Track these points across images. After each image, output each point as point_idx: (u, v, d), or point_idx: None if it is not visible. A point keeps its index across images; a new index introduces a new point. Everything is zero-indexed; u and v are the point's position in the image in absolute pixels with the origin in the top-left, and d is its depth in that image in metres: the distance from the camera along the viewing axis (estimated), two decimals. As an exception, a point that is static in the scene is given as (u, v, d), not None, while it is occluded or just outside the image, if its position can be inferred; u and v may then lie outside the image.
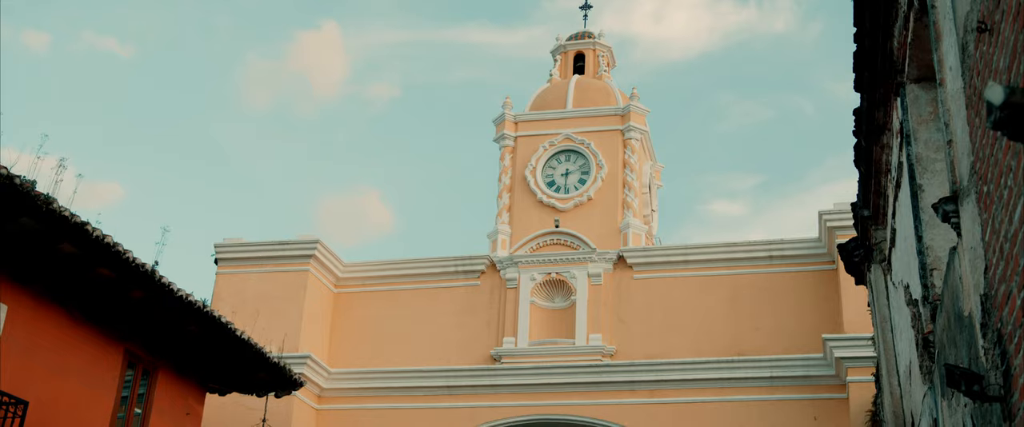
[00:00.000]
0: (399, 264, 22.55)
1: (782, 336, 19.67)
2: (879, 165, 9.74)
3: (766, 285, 20.29)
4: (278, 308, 20.86)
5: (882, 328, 11.08)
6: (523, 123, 23.55)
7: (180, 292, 13.83)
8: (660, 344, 20.25)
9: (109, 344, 14.16)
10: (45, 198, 11.35)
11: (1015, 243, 3.67)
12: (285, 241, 21.86)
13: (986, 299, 4.53)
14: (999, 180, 3.91)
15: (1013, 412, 4.01)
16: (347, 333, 21.99)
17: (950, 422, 6.40)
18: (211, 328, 14.90)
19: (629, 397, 19.72)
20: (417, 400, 20.70)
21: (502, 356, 20.81)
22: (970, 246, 4.97)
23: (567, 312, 21.19)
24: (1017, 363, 3.83)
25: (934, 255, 7.15)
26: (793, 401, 18.85)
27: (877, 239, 10.93)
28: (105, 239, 12.33)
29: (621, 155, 22.59)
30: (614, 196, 22.11)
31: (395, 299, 22.14)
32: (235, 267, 21.89)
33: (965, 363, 5.32)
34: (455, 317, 21.62)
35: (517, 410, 20.17)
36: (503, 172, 23.05)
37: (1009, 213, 3.75)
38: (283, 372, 16.75)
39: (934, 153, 7.36)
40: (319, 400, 21.07)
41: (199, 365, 16.13)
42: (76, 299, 13.44)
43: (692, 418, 19.22)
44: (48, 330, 12.96)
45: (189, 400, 16.03)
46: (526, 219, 22.27)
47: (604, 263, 21.25)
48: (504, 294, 21.54)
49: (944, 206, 5.55)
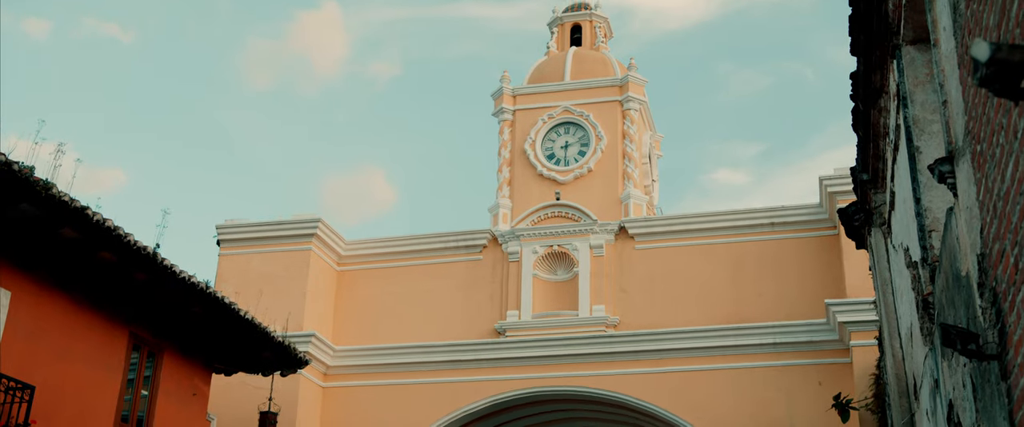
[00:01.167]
0: (401, 241, 22.58)
1: (785, 302, 19.70)
2: (877, 129, 9.72)
3: (768, 252, 20.31)
4: (281, 287, 20.91)
5: (883, 291, 11.10)
6: (521, 96, 23.50)
7: (182, 274, 13.88)
8: (663, 313, 20.30)
9: (114, 327, 14.22)
10: (44, 184, 11.37)
11: (1007, 201, 3.68)
12: (286, 221, 21.89)
13: (982, 258, 4.54)
14: (991, 139, 3.91)
15: (1008, 369, 4.02)
16: (351, 311, 22.05)
17: (951, 382, 6.43)
18: (215, 309, 14.95)
19: (633, 367, 19.79)
20: (422, 375, 20.79)
21: (506, 329, 20.87)
22: (966, 206, 4.98)
23: (570, 284, 21.23)
24: (1012, 320, 3.85)
25: (932, 217, 7.16)
26: (797, 366, 18.92)
27: (877, 203, 10.93)
28: (106, 223, 12.35)
29: (620, 126, 22.55)
30: (614, 167, 22.09)
31: (398, 276, 22.19)
32: (237, 248, 21.92)
33: (964, 323, 5.34)
34: (458, 292, 21.68)
35: (522, 382, 20.26)
36: (503, 146, 23.03)
37: (1001, 171, 3.75)
38: (288, 351, 16.82)
39: (930, 115, 7.35)
40: (325, 378, 21.17)
41: (204, 346, 16.20)
42: (79, 283, 13.48)
43: (696, 386, 19.30)
44: (52, 315, 13.01)
45: (195, 381, 16.11)
46: (527, 192, 22.27)
47: (606, 234, 21.27)
48: (506, 268, 21.58)
49: (940, 167, 5.55)
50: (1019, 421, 3.87)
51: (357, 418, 20.69)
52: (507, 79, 23.67)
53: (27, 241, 12.31)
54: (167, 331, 15.31)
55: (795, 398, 18.68)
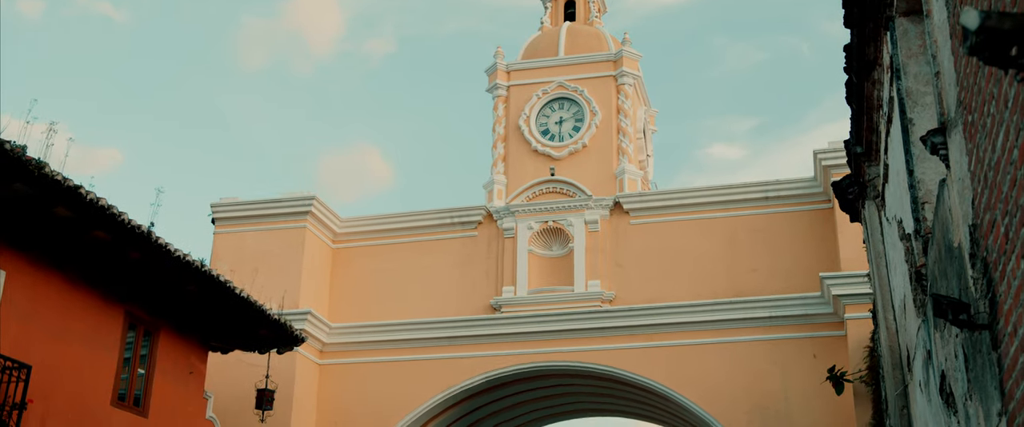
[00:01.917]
0: (395, 218, 22.57)
1: (780, 276, 19.75)
2: (871, 101, 9.71)
3: (763, 226, 20.33)
4: (277, 265, 20.92)
5: (877, 264, 11.13)
6: (515, 72, 23.44)
7: (177, 252, 13.87)
8: (658, 288, 20.35)
9: (109, 306, 14.23)
10: (36, 163, 11.34)
11: (998, 171, 3.68)
12: (281, 198, 21.86)
13: (974, 229, 4.55)
14: (982, 109, 3.91)
15: (999, 338, 4.04)
16: (347, 288, 22.07)
17: (943, 353, 6.45)
18: (210, 287, 14.96)
19: (629, 341, 19.86)
20: (418, 352, 20.84)
21: (502, 305, 20.91)
22: (958, 177, 4.98)
23: (565, 259, 21.26)
24: (1002, 290, 3.86)
25: (925, 188, 7.16)
26: (792, 340, 18.99)
27: (870, 176, 10.93)
28: (99, 202, 12.34)
29: (614, 101, 22.51)
30: (609, 142, 22.07)
31: (393, 253, 22.19)
32: (232, 226, 21.91)
33: (956, 294, 5.35)
34: (454, 268, 21.69)
35: (518, 358, 20.32)
36: (497, 122, 22.99)
37: (992, 141, 3.75)
38: (284, 328, 16.85)
39: (924, 87, 7.34)
40: (321, 355, 21.22)
41: (200, 324, 16.23)
42: (74, 263, 13.49)
43: (692, 360, 19.38)
44: (48, 294, 13.02)
45: (192, 359, 16.15)
46: (521, 168, 22.25)
47: (601, 209, 21.28)
48: (502, 244, 21.59)
49: (932, 138, 5.56)
50: (1009, 390, 3.89)
51: (354, 395, 20.77)
52: (501, 55, 23.60)
53: (21, 221, 12.30)
54: (163, 310, 15.33)
55: (790, 371, 18.76)
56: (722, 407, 18.95)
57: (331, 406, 20.79)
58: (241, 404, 19.07)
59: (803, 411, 18.37)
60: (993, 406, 4.49)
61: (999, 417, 4.33)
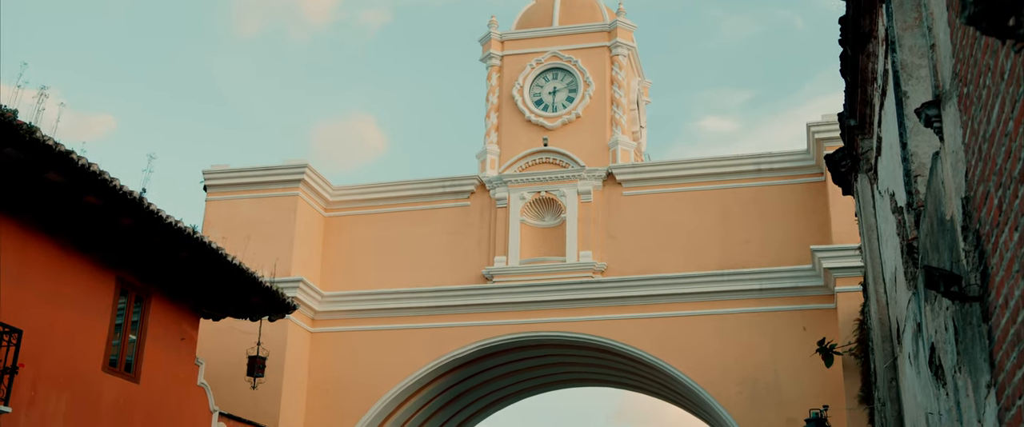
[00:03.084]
0: (388, 187, 22.54)
1: (771, 248, 19.80)
2: (865, 74, 9.70)
3: (755, 198, 20.35)
4: (269, 233, 20.89)
5: (868, 237, 11.16)
6: (509, 42, 23.34)
7: (169, 219, 13.84)
8: (650, 259, 20.39)
9: (101, 272, 14.22)
10: (28, 127, 11.28)
11: (993, 143, 3.68)
12: (273, 166, 21.79)
13: (967, 202, 4.55)
14: (978, 80, 3.90)
15: (990, 310, 4.06)
16: (339, 256, 22.07)
17: (933, 326, 6.48)
18: (202, 254, 14.94)
19: (620, 312, 19.92)
20: (410, 320, 20.89)
21: (493, 275, 20.94)
22: (952, 150, 4.98)
23: (557, 230, 21.27)
24: (994, 262, 3.87)
25: (918, 162, 7.17)
26: (782, 312, 19.08)
27: (864, 149, 10.94)
28: (91, 167, 12.29)
29: (608, 72, 22.44)
30: (602, 113, 22.02)
31: (385, 221, 22.18)
32: (224, 193, 21.86)
33: (947, 267, 5.37)
34: (446, 238, 21.70)
35: (510, 328, 20.38)
36: (490, 92, 22.91)
37: (987, 113, 3.75)
38: (276, 296, 16.86)
39: (919, 59, 7.32)
40: (313, 323, 21.26)
41: (192, 291, 16.23)
42: (65, 228, 13.45)
43: (682, 331, 19.46)
44: (39, 259, 12.99)
45: (183, 325, 16.16)
46: (514, 138, 22.21)
47: (593, 180, 21.27)
48: (494, 213, 21.59)
49: (927, 111, 5.55)
50: (999, 361, 3.92)
51: (345, 362, 20.83)
52: (495, 24, 23.48)
53: (12, 185, 12.25)
54: (154, 276, 15.32)
55: (779, 343, 18.86)
56: (712, 378, 19.06)
57: (322, 374, 20.86)
58: (232, 371, 19.12)
59: (792, 383, 18.49)
60: (982, 378, 4.51)
61: (988, 388, 4.36)
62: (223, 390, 18.61)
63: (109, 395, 14.22)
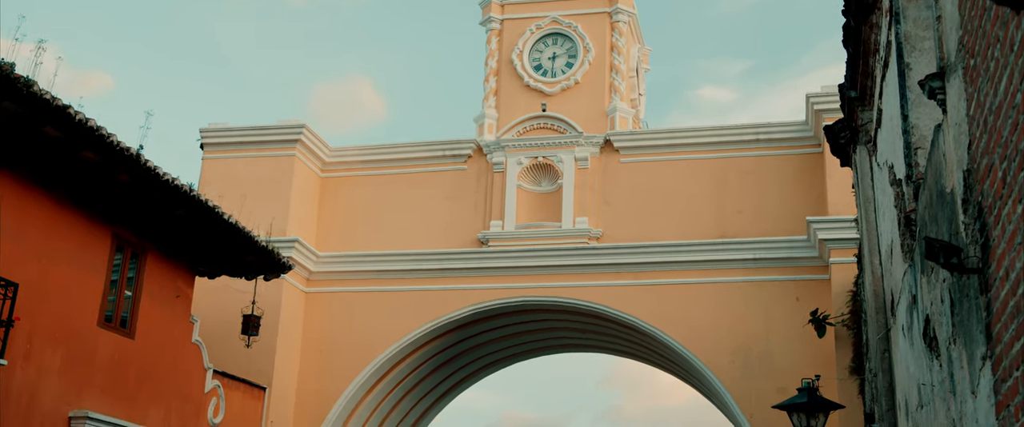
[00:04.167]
0: (385, 149, 22.51)
1: (767, 219, 19.83)
2: (867, 45, 9.66)
3: (752, 168, 20.35)
4: (265, 193, 20.87)
5: (865, 208, 11.17)
6: (509, 6, 23.20)
7: (166, 176, 13.82)
8: (646, 227, 20.42)
9: (97, 228, 14.21)
10: (25, 81, 11.22)
11: (999, 115, 3.68)
12: (271, 126, 21.73)
13: (968, 174, 4.56)
14: (986, 52, 3.89)
15: (990, 283, 4.07)
16: (335, 217, 22.07)
17: (929, 298, 6.51)
18: (198, 212, 14.94)
19: (615, 279, 19.98)
20: (405, 283, 20.94)
21: (489, 239, 20.96)
22: (955, 122, 4.98)
23: (554, 195, 21.27)
24: (996, 234, 3.88)
25: (919, 134, 7.17)
26: (776, 282, 19.15)
27: (863, 120, 10.92)
28: (88, 122, 12.25)
29: (608, 38, 22.35)
30: (601, 80, 21.96)
31: (382, 183, 22.16)
32: (221, 152, 21.81)
33: (946, 239, 5.38)
34: (442, 201, 21.69)
35: (504, 292, 20.44)
36: (490, 56, 22.82)
37: (995, 85, 3.74)
38: (272, 255, 16.88)
39: (923, 31, 7.30)
40: (308, 283, 21.29)
41: (188, 249, 16.24)
42: (62, 183, 13.43)
43: (677, 299, 19.53)
44: (35, 214, 12.98)
45: (178, 283, 16.18)
46: (513, 103, 22.15)
47: (591, 147, 21.24)
48: (491, 178, 21.58)
49: (930, 83, 5.53)
50: (997, 333, 3.94)
51: (340, 323, 20.89)
52: (495, -13, 23.33)
53: (9, 139, 12.21)
54: (151, 233, 15.32)
55: (772, 313, 18.95)
56: (705, 346, 19.15)
57: (316, 334, 20.93)
58: (227, 329, 19.17)
59: (784, 352, 18.59)
60: (977, 350, 4.54)
61: (983, 360, 4.39)
62: (217, 348, 18.67)
63: (104, 350, 14.26)
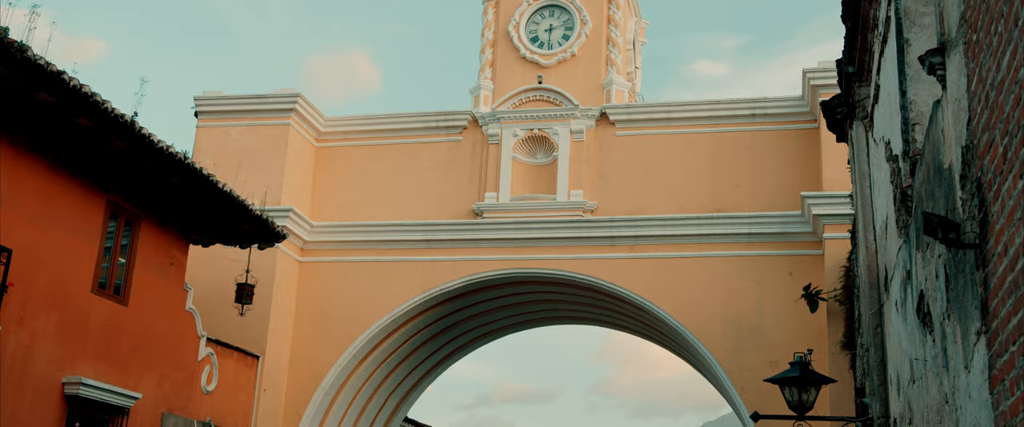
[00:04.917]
0: (381, 119, 22.45)
1: (762, 193, 19.85)
2: (866, 20, 9.64)
3: (748, 143, 20.35)
4: (259, 162, 20.83)
5: (861, 184, 11.18)
6: (507, -24, 23.06)
7: (160, 143, 13.78)
8: (641, 200, 20.43)
9: (91, 194, 14.17)
10: (19, 45, 11.15)
11: (1001, 90, 3.67)
12: (266, 94, 21.65)
13: (967, 150, 4.56)
14: (990, 27, 3.88)
15: (987, 258, 4.08)
16: (329, 187, 22.04)
17: (923, 273, 6.53)
18: (193, 180, 14.91)
19: (609, 252, 20.01)
20: (399, 253, 20.95)
21: (484, 211, 20.96)
22: (955, 98, 4.98)
23: (549, 168, 21.25)
24: (995, 210, 3.89)
25: (917, 110, 7.16)
26: (769, 257, 19.20)
27: (860, 96, 10.91)
28: (83, 88, 12.18)
29: (605, 11, 22.26)
30: (598, 52, 21.89)
31: (377, 153, 22.12)
32: (216, 120, 21.73)
33: (942, 214, 5.39)
34: (437, 172, 21.67)
35: (498, 263, 20.46)
36: (486, 27, 22.72)
37: (997, 61, 3.73)
38: (266, 224, 16.87)
39: (923, 7, 7.28)
40: (302, 253, 21.29)
41: (182, 217, 16.21)
42: (56, 149, 13.38)
43: (671, 273, 19.57)
44: (29, 179, 12.94)
45: (173, 251, 16.17)
46: (509, 75, 22.08)
47: (586, 120, 21.21)
48: (486, 149, 21.54)
49: (930, 58, 5.52)
50: (994, 308, 3.95)
51: (334, 293, 20.92)
52: (493, -42, 23.19)
53: (3, 105, 12.15)
54: (145, 201, 15.29)
55: (765, 288, 19.01)
56: (698, 320, 19.22)
57: (310, 304, 20.95)
58: (220, 297, 19.18)
59: (776, 327, 18.67)
60: (972, 325, 4.56)
61: (978, 336, 4.41)
62: (211, 316, 18.69)
63: (97, 317, 14.27)
